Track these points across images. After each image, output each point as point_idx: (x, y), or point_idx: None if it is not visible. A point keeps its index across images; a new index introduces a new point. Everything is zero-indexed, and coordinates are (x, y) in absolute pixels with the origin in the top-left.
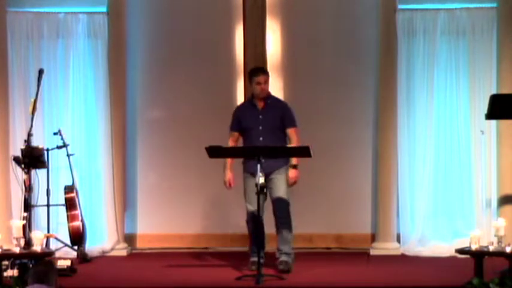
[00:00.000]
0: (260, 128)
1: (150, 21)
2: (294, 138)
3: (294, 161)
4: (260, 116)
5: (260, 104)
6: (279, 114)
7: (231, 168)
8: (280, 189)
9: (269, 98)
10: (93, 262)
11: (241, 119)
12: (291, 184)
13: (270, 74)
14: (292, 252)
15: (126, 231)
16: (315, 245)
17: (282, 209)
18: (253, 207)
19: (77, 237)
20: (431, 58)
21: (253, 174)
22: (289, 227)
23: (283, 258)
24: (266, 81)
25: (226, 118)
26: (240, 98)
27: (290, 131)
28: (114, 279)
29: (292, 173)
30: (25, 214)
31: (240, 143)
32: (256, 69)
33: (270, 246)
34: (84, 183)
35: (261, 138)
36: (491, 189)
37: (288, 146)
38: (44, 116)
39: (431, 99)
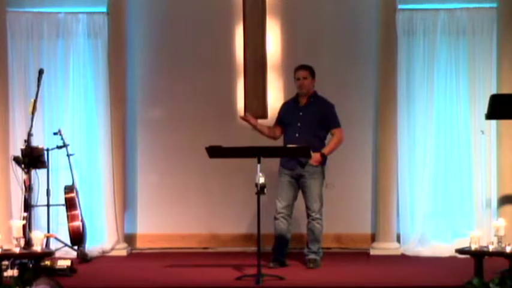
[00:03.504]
0: (299, 124)
1: (150, 21)
2: (335, 137)
3: (326, 151)
4: (300, 113)
5: (303, 101)
6: (321, 114)
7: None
8: (314, 194)
9: (313, 96)
10: (93, 262)
11: (282, 114)
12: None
13: (273, 73)
14: (322, 251)
15: (126, 231)
16: None
17: (314, 211)
18: (281, 204)
19: (77, 237)
20: (431, 58)
21: (290, 169)
22: (320, 226)
23: (312, 256)
24: (306, 77)
25: (226, 118)
26: (240, 98)
27: (333, 131)
28: (114, 279)
29: (316, 156)
30: (25, 214)
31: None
32: (297, 66)
33: (292, 245)
34: (84, 183)
35: (297, 135)
36: (491, 189)
37: (289, 146)
38: (44, 116)
39: (431, 99)
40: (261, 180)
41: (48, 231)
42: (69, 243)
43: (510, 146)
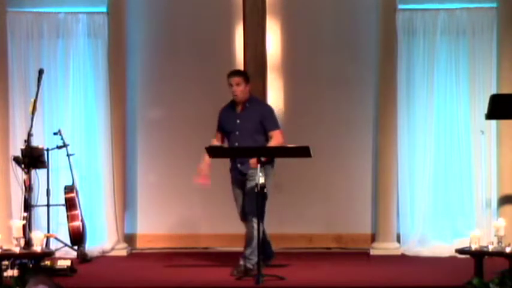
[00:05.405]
0: (237, 133)
1: (150, 21)
2: (273, 141)
3: None
4: (238, 121)
5: (239, 108)
6: (258, 118)
7: (207, 161)
8: (251, 195)
9: (249, 101)
10: (93, 262)
11: (221, 122)
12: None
13: (273, 73)
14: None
15: (126, 231)
16: (315, 245)
17: (249, 213)
18: (241, 218)
19: (77, 237)
20: (431, 58)
21: (235, 178)
22: (250, 231)
23: (241, 262)
24: (239, 84)
25: None
26: None
27: (271, 134)
28: (114, 279)
29: (252, 160)
30: (25, 214)
31: (225, 143)
32: (230, 72)
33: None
34: (84, 183)
35: (236, 144)
36: (491, 189)
37: (289, 145)
38: (44, 116)
39: (431, 99)
40: (261, 180)
41: (48, 231)
42: (69, 243)
43: (510, 146)
